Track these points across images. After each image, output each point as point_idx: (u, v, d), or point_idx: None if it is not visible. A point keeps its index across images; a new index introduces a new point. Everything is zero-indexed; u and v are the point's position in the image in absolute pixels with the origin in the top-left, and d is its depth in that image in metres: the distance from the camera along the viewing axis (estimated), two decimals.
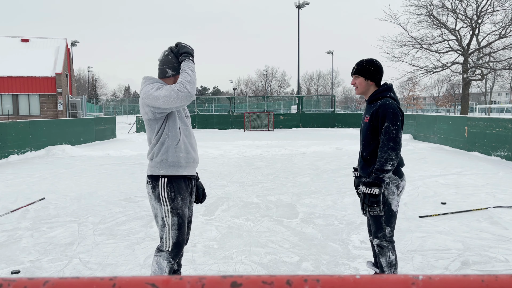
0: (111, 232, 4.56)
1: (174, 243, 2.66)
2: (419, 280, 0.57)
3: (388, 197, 2.81)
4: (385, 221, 2.84)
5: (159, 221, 2.70)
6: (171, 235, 2.65)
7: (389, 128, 2.71)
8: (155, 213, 2.71)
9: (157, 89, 2.53)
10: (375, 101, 2.87)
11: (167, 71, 2.67)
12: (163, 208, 2.65)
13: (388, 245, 2.88)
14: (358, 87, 2.91)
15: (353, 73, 2.92)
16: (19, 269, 3.53)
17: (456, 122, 13.00)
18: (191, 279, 0.58)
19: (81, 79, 76.79)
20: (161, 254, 2.68)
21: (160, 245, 2.69)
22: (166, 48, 2.71)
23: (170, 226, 2.65)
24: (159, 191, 2.65)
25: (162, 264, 2.66)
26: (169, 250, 2.66)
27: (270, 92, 79.77)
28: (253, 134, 20.97)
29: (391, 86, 2.90)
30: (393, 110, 2.72)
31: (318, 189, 6.77)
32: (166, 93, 2.49)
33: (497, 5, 19.64)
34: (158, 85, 2.57)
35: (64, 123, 14.63)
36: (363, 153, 2.94)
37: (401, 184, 2.86)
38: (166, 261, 2.66)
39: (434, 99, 65.59)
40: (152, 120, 2.63)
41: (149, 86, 2.58)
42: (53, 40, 30.31)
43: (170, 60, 2.67)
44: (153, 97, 2.52)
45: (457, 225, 4.69)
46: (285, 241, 4.21)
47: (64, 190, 6.83)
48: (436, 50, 21.20)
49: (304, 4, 31.93)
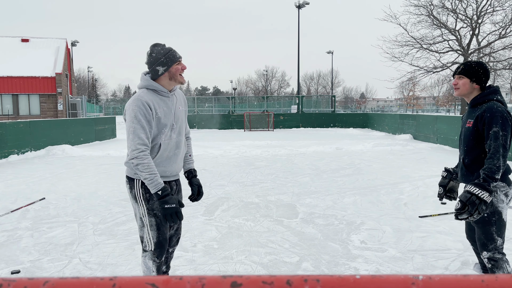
0: (111, 232, 4.56)
1: (155, 243, 2.62)
2: (419, 280, 0.57)
3: (498, 205, 2.62)
4: (496, 231, 2.65)
5: (137, 221, 2.66)
6: (151, 235, 2.62)
7: (499, 133, 2.52)
8: (135, 213, 2.69)
9: (133, 131, 2.44)
10: (479, 104, 2.68)
11: (158, 69, 2.53)
12: (140, 208, 2.61)
13: (502, 257, 2.68)
14: (460, 88, 2.72)
15: (458, 73, 2.72)
16: (19, 269, 3.53)
17: (456, 122, 13.00)
18: (191, 279, 0.58)
19: (81, 79, 76.77)
20: (146, 254, 2.66)
21: (144, 246, 2.66)
22: (148, 49, 2.59)
23: (149, 227, 2.61)
24: (135, 191, 2.59)
25: (148, 264, 2.64)
26: (152, 250, 2.64)
27: (270, 92, 79.77)
28: (253, 134, 20.97)
29: (497, 88, 2.68)
30: (502, 114, 2.54)
31: (318, 189, 6.77)
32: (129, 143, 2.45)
33: (497, 5, 19.66)
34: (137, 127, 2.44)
35: (64, 123, 14.63)
36: (464, 160, 2.76)
37: (510, 192, 2.67)
38: (151, 260, 2.64)
39: (434, 99, 65.61)
40: None
41: (133, 112, 2.46)
42: (53, 40, 30.31)
43: (155, 57, 2.53)
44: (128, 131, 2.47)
45: (457, 225, 4.68)
46: (285, 241, 4.21)
47: (64, 190, 6.83)
48: (436, 50, 21.21)
49: (304, 4, 31.93)
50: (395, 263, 3.62)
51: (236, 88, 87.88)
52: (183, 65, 2.60)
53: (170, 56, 2.53)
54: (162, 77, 2.57)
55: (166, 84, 2.59)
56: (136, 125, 2.44)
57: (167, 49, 2.56)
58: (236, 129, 25.72)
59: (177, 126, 2.68)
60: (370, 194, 6.39)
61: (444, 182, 3.05)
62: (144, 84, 2.57)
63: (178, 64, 2.57)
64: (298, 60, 32.03)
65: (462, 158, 2.80)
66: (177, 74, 2.57)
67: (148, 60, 2.57)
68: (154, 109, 2.51)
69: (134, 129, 2.43)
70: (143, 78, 2.59)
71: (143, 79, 2.58)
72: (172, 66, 2.54)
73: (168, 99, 2.62)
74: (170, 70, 2.55)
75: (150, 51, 2.56)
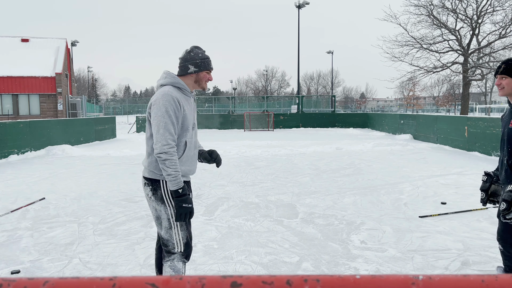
0: (111, 232, 4.56)
1: (185, 243, 2.60)
2: (419, 280, 0.57)
3: None
4: None
5: (163, 222, 2.57)
6: (181, 236, 2.58)
7: None
8: (158, 215, 2.58)
9: (164, 126, 2.42)
10: None
11: (189, 67, 2.58)
12: (168, 209, 2.54)
13: None
14: (504, 88, 2.66)
15: (500, 73, 2.66)
16: (19, 269, 3.53)
17: (456, 122, 13.00)
18: (191, 279, 0.58)
19: (81, 79, 76.79)
20: (174, 256, 2.60)
21: (171, 248, 2.59)
22: (189, 47, 2.65)
23: (179, 227, 2.57)
24: (162, 192, 2.53)
25: (177, 266, 2.58)
26: (182, 251, 2.61)
27: (270, 92, 79.76)
28: (253, 134, 20.96)
29: None
30: None
31: (318, 189, 6.77)
32: (159, 137, 2.41)
33: (497, 5, 19.64)
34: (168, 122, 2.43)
35: (64, 123, 14.63)
36: (508, 161, 2.71)
37: None
38: (181, 262, 2.61)
39: (434, 99, 65.61)
40: None
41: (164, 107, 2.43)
42: (53, 40, 30.31)
43: (192, 56, 2.59)
44: (155, 117, 2.44)
45: (457, 225, 4.69)
46: (285, 241, 4.21)
47: (64, 190, 6.83)
48: (436, 50, 21.19)
49: (304, 4, 31.93)
50: (395, 263, 3.62)
51: (236, 88, 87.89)
52: (211, 76, 2.68)
53: (205, 62, 2.61)
54: (189, 76, 2.61)
55: (190, 84, 2.65)
56: (167, 120, 2.42)
57: (206, 55, 2.64)
58: (236, 129, 25.72)
59: (196, 126, 2.73)
60: (370, 194, 6.39)
61: (485, 187, 2.95)
62: (170, 81, 2.58)
63: (208, 73, 2.65)
64: (298, 60, 32.03)
65: (506, 159, 2.73)
66: (203, 80, 2.65)
67: (184, 56, 2.61)
68: (182, 106, 2.52)
69: (166, 124, 2.41)
70: (169, 75, 2.61)
71: (170, 76, 2.59)
72: (202, 71, 2.62)
73: (190, 99, 2.67)
74: (199, 74, 2.62)
75: (190, 50, 2.62)
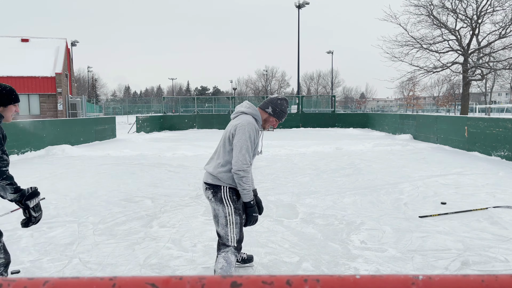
0: (111, 232, 4.56)
1: (238, 239, 3.03)
2: (419, 280, 0.57)
3: None
4: None
5: (220, 220, 3.01)
6: (235, 233, 3.01)
7: None
8: (216, 214, 3.03)
9: (246, 148, 2.90)
10: None
11: (269, 107, 3.11)
12: (226, 208, 2.99)
13: None
14: None
15: None
16: (19, 269, 3.53)
17: (456, 122, 13.00)
18: (191, 279, 0.58)
19: (81, 79, 76.78)
20: (228, 249, 3.01)
21: (226, 241, 3.01)
22: (282, 96, 3.19)
23: (234, 225, 3.00)
24: (222, 194, 2.99)
25: (230, 259, 2.99)
26: (235, 245, 3.03)
27: (270, 92, 79.74)
28: None
29: None
30: None
31: (318, 189, 6.77)
32: (241, 157, 2.88)
33: (497, 5, 19.63)
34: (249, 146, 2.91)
35: (64, 123, 14.62)
36: None
37: None
38: (233, 255, 3.02)
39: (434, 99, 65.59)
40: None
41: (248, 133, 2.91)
42: (53, 40, 30.31)
43: (279, 105, 3.11)
44: (239, 139, 2.90)
45: (457, 225, 4.69)
46: (285, 241, 4.21)
47: (64, 190, 6.83)
48: (436, 50, 21.18)
49: (304, 4, 31.92)
50: (395, 263, 3.62)
51: (236, 88, 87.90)
52: (275, 125, 3.21)
53: (282, 113, 3.16)
54: (264, 112, 3.14)
55: (263, 120, 3.16)
56: (249, 144, 2.93)
57: (286, 109, 3.19)
58: None
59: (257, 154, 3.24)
60: (370, 194, 6.39)
61: None
62: (254, 112, 3.07)
63: (277, 121, 3.17)
64: (298, 60, 32.03)
65: None
66: (270, 123, 3.18)
67: (273, 98, 3.17)
68: (257, 136, 3.05)
69: (247, 147, 2.92)
70: (252, 107, 3.10)
71: (253, 109, 3.09)
72: (274, 117, 3.14)
73: (260, 130, 3.15)
74: (271, 118, 3.16)
75: (282, 99, 3.16)
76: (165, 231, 4.58)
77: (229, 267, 2.96)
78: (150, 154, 11.77)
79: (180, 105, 37.56)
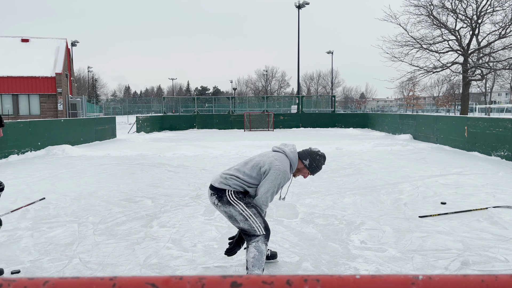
0: (111, 232, 4.56)
1: (264, 227, 3.09)
2: (419, 280, 0.57)
3: None
4: None
5: (238, 217, 3.08)
6: (259, 222, 3.08)
7: None
8: (230, 215, 3.11)
9: (272, 192, 3.14)
10: None
11: (307, 159, 3.30)
12: (237, 206, 3.07)
13: None
14: None
15: None
16: (19, 269, 3.53)
17: (456, 122, 13.00)
18: (191, 279, 0.58)
19: (81, 79, 76.79)
20: (258, 238, 3.05)
21: (254, 232, 3.06)
22: (322, 152, 3.39)
23: (253, 216, 3.07)
24: (228, 197, 3.10)
25: (261, 247, 3.02)
26: (264, 233, 3.07)
27: (270, 92, 79.77)
28: (253, 134, 20.96)
29: None
30: None
31: (318, 189, 6.77)
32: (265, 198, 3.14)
33: (497, 5, 19.63)
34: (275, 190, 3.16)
35: (64, 123, 14.63)
36: None
37: None
38: (264, 244, 3.05)
39: (434, 99, 65.57)
40: (260, 175, 3.16)
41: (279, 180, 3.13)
42: (53, 40, 30.32)
43: (314, 158, 3.30)
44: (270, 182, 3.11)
45: (457, 225, 4.68)
46: (285, 241, 4.21)
47: (64, 190, 6.83)
48: (436, 50, 21.18)
49: (304, 4, 31.93)
50: (395, 263, 3.62)
51: (236, 88, 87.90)
52: (306, 176, 3.38)
53: (317, 169, 3.35)
54: (300, 164, 3.32)
55: (296, 169, 3.34)
56: (276, 189, 3.16)
57: (321, 166, 3.38)
58: (236, 129, 25.72)
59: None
60: (370, 194, 6.39)
61: None
62: (293, 159, 3.27)
63: (309, 174, 3.35)
64: (298, 60, 32.03)
65: None
66: (302, 173, 3.37)
67: (312, 154, 3.33)
68: (285, 183, 3.23)
69: (273, 192, 3.17)
70: (294, 152, 3.30)
71: (295, 155, 3.28)
72: (309, 170, 3.32)
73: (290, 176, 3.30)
74: (306, 170, 3.33)
75: (322, 155, 3.36)
76: (165, 231, 4.58)
77: (261, 256, 2.97)
78: (150, 154, 11.77)
79: (180, 105, 37.58)
